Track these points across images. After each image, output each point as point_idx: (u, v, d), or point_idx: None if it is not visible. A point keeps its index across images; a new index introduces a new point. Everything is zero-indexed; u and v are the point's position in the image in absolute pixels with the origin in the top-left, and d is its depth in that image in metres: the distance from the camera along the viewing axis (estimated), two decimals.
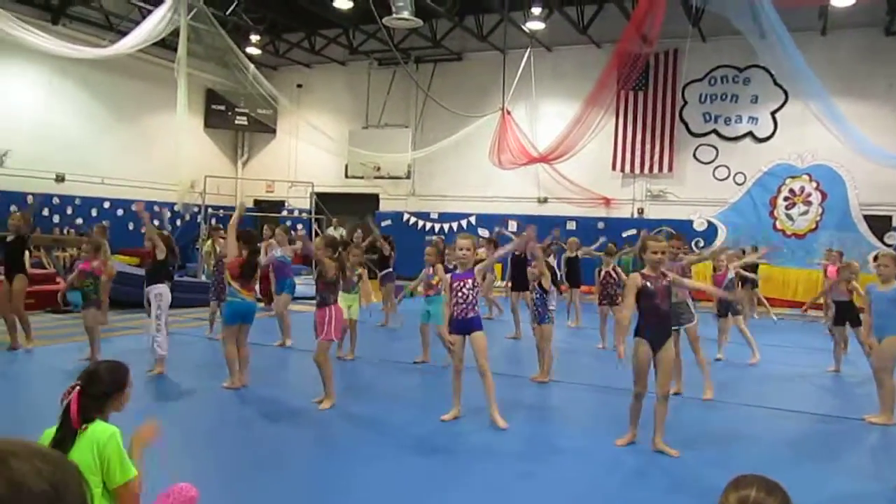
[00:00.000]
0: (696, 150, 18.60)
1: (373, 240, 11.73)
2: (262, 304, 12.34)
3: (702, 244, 17.59)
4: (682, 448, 5.23)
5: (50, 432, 2.83)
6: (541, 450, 5.37)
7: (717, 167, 18.42)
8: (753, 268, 13.23)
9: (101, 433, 2.77)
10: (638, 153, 18.86)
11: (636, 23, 13.84)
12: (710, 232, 17.83)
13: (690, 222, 18.10)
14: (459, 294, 5.81)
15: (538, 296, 7.65)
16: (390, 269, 11.82)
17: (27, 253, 8.78)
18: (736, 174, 18.16)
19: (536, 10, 17.37)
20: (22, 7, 16.56)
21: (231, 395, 6.66)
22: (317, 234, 19.43)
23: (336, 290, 6.49)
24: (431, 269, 8.12)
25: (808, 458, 5.37)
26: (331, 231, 19.68)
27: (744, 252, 12.16)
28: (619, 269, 10.13)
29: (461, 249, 5.90)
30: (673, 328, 5.89)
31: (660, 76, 18.63)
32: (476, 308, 5.85)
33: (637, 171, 18.93)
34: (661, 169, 18.73)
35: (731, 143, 18.30)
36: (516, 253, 10.93)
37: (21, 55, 15.50)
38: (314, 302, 6.64)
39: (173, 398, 6.58)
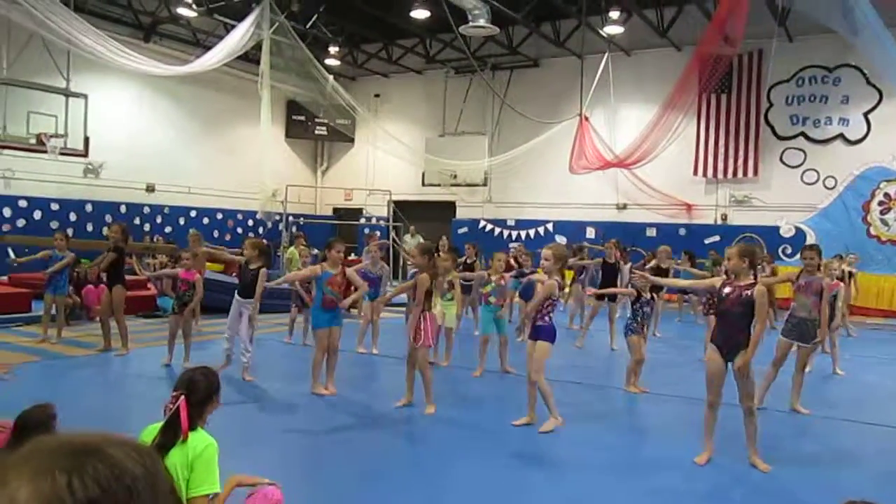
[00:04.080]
0: (782, 153, 17.95)
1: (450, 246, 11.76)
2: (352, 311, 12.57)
3: (789, 251, 16.96)
4: (772, 462, 5.03)
5: (150, 430, 2.93)
6: (625, 461, 5.25)
7: (805, 171, 17.72)
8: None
9: (198, 442, 2.85)
10: (721, 157, 18.33)
11: (718, 24, 13.47)
12: (798, 238, 17.12)
13: (777, 229, 17.46)
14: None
15: (651, 307, 7.56)
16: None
17: (124, 263, 9.20)
18: (826, 178, 17.42)
19: (614, 14, 17.12)
20: (117, 26, 17.37)
21: (317, 400, 6.77)
22: (395, 242, 19.64)
23: (431, 297, 6.55)
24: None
25: None
26: (408, 238, 19.85)
27: (841, 258, 11.61)
28: None
29: (545, 259, 5.86)
30: (793, 340, 6.50)
31: (743, 78, 18.07)
32: (546, 318, 5.81)
33: (720, 175, 18.39)
34: (745, 173, 18.14)
35: (820, 146, 17.58)
36: (608, 261, 10.77)
37: (115, 72, 16.22)
38: (403, 308, 6.74)
39: (260, 402, 6.72)
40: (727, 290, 5.06)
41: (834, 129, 17.39)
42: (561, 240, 18.93)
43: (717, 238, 18.02)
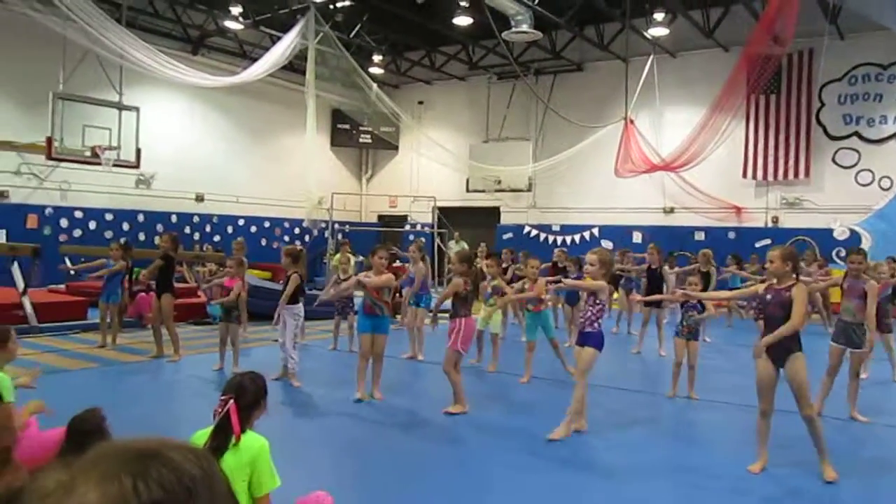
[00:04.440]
0: (835, 153, 17.51)
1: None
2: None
3: (843, 254, 16.51)
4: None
5: (200, 435, 2.99)
6: (676, 468, 5.16)
7: (859, 171, 17.26)
8: None
9: (252, 443, 2.91)
10: (771, 159, 17.95)
11: (767, 23, 13.22)
12: (853, 241, 16.67)
13: (830, 231, 17.02)
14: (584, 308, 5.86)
15: (699, 312, 7.45)
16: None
17: (174, 272, 9.41)
18: (881, 178, 16.94)
19: (659, 16, 16.94)
20: (166, 40, 17.81)
21: (363, 405, 6.81)
22: (439, 249, 19.68)
23: (468, 303, 6.57)
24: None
25: None
26: (453, 245, 19.90)
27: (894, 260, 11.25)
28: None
29: (588, 265, 5.82)
30: (841, 345, 6.30)
31: (793, 78, 17.69)
32: (594, 324, 5.76)
33: (770, 177, 18.01)
34: (796, 175, 17.74)
35: (875, 146, 17.11)
36: (652, 266, 10.65)
37: (165, 85, 16.63)
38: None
39: (307, 408, 6.79)
40: (770, 295, 4.97)
41: (890, 127, 16.91)
42: (607, 245, 18.76)
43: (767, 241, 17.60)
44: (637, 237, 19.26)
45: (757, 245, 17.23)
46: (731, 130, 16.53)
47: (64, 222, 16.83)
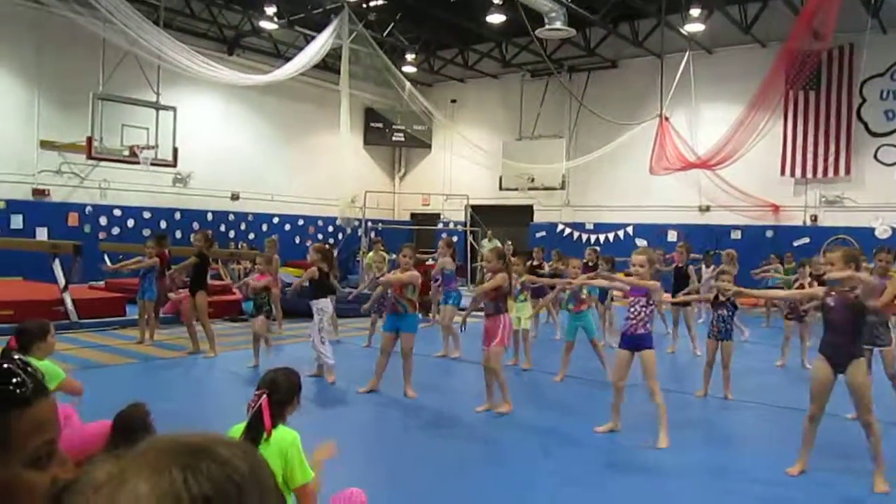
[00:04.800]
0: (877, 150, 17.12)
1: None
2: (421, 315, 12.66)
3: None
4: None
5: (236, 429, 3.03)
6: (713, 469, 5.09)
7: None
8: None
9: (284, 437, 2.95)
10: (810, 156, 17.61)
11: (807, 18, 12.98)
12: (895, 240, 16.31)
13: (871, 230, 16.64)
14: (632, 310, 5.72)
15: (729, 311, 7.33)
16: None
17: (208, 270, 9.54)
18: None
19: (695, 12, 16.70)
20: (202, 41, 18.07)
21: (396, 403, 6.83)
22: (472, 247, 19.68)
23: (506, 299, 6.56)
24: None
25: None
26: (485, 243, 19.86)
27: None
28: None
29: (635, 265, 5.71)
30: (865, 347, 5.55)
31: (833, 73, 17.33)
32: (647, 326, 5.68)
33: (809, 175, 17.67)
34: (836, 172, 17.38)
35: None
36: (678, 265, 10.54)
37: (201, 85, 16.87)
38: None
39: (342, 405, 6.83)
40: (833, 300, 4.78)
41: None
42: (641, 243, 18.57)
43: (806, 240, 17.35)
44: (672, 236, 19.04)
45: (795, 244, 16.94)
46: (770, 127, 16.26)
47: (103, 220, 17.15)
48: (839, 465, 5.12)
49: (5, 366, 1.04)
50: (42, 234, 15.73)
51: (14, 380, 1.02)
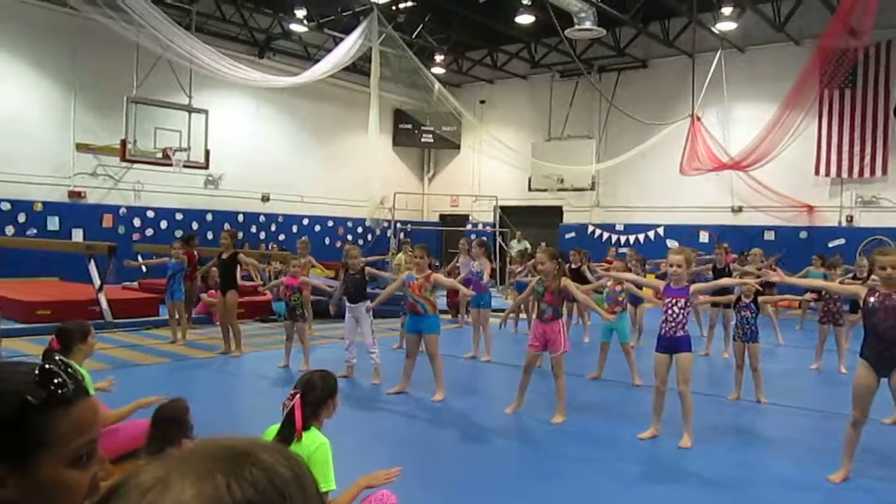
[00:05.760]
0: None
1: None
2: (449, 317, 12.66)
3: None
4: None
5: (271, 430, 3.05)
6: (755, 478, 5.01)
7: None
8: None
9: (312, 441, 2.94)
10: (846, 156, 17.29)
11: (843, 15, 12.73)
12: None
13: None
14: (670, 312, 5.59)
15: (752, 313, 7.22)
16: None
17: (238, 269, 9.64)
18: None
19: (727, 10, 16.51)
20: (233, 44, 18.28)
21: (427, 405, 6.82)
22: (501, 249, 19.64)
23: (563, 302, 6.43)
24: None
25: None
26: (514, 244, 19.81)
27: None
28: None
29: (672, 266, 5.61)
30: None
31: (870, 71, 17.00)
32: (685, 328, 5.58)
33: (845, 175, 17.35)
34: (872, 172, 17.05)
35: None
36: (718, 266, 10.41)
37: (232, 88, 17.05)
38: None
39: (373, 406, 6.85)
40: (874, 299, 4.61)
41: None
42: (672, 244, 18.39)
43: (841, 241, 17.05)
44: (704, 237, 18.83)
45: (830, 245, 16.65)
46: (804, 127, 15.99)
47: (137, 222, 17.40)
48: (882, 472, 5.01)
49: (47, 366, 1.05)
50: (78, 235, 16.01)
51: (56, 380, 1.04)
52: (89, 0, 11.57)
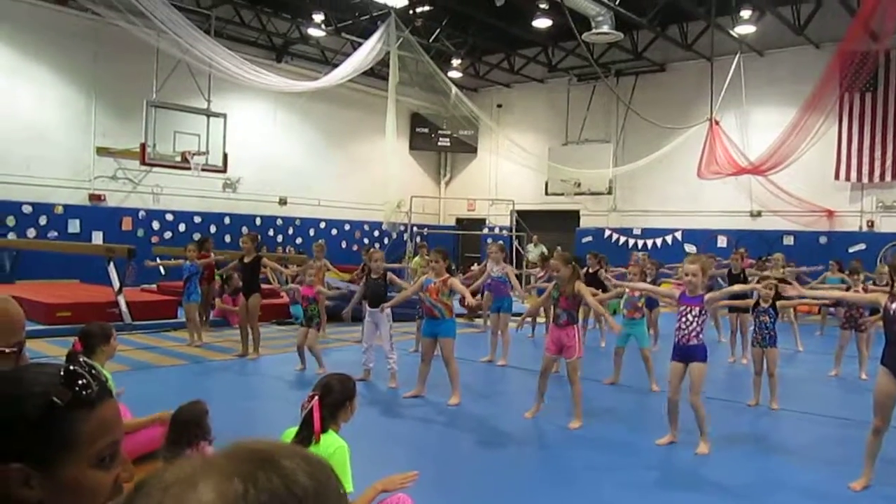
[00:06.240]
0: None
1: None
2: (465, 320, 12.64)
3: None
4: None
5: (289, 433, 3.06)
6: (764, 486, 4.97)
7: None
8: None
9: (330, 444, 2.95)
10: (866, 160, 17.11)
11: (864, 18, 12.62)
12: None
13: None
14: (683, 319, 5.52)
15: (771, 318, 7.15)
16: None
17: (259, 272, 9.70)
18: None
19: (746, 14, 16.42)
20: (252, 48, 18.43)
21: (445, 408, 6.82)
22: (517, 253, 19.61)
23: (579, 306, 6.43)
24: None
25: None
26: (531, 248, 19.77)
27: None
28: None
29: (687, 275, 5.54)
30: None
31: (891, 74, 16.81)
32: (700, 336, 5.50)
33: (865, 179, 17.17)
34: (894, 177, 16.84)
35: None
36: (733, 271, 10.34)
37: (251, 92, 17.17)
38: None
39: (389, 409, 6.85)
40: (895, 306, 4.57)
41: None
42: (690, 249, 18.30)
43: (862, 246, 16.87)
44: (722, 241, 18.71)
45: (850, 250, 16.47)
46: (824, 131, 15.85)
47: (156, 225, 17.55)
48: None
49: (72, 368, 1.06)
50: (98, 238, 16.16)
51: (81, 381, 1.05)
52: (112, 6, 11.67)
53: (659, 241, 20.00)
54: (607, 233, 21.09)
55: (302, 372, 8.29)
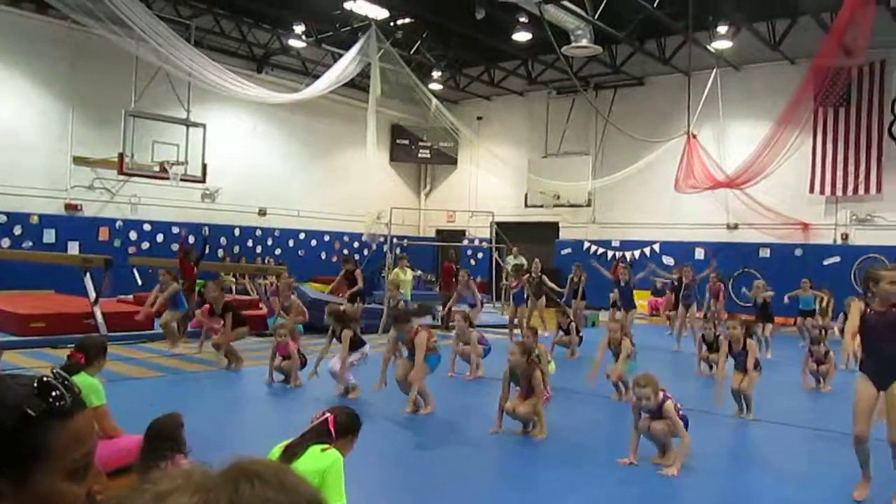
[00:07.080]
0: None
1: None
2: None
3: None
4: None
5: (277, 449, 3.10)
6: (748, 499, 5.00)
7: None
8: None
9: (329, 455, 3.01)
10: (840, 174, 17.38)
11: (837, 34, 12.82)
12: None
13: None
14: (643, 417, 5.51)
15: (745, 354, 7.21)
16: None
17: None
18: None
19: (722, 29, 16.64)
20: (232, 59, 18.37)
21: (418, 419, 6.80)
22: (497, 264, 19.64)
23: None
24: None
25: None
26: (510, 259, 19.78)
27: None
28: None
29: (641, 399, 5.35)
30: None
31: (864, 90, 17.11)
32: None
33: (839, 193, 17.43)
34: (867, 190, 17.12)
35: None
36: (685, 281, 10.48)
37: (230, 102, 17.10)
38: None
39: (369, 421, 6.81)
40: (871, 316, 4.60)
41: None
42: (668, 261, 18.45)
43: (836, 259, 17.12)
44: (699, 253, 18.89)
45: (825, 262, 16.71)
46: (799, 145, 16.08)
47: (133, 235, 17.39)
48: None
49: (45, 379, 1.06)
50: (74, 248, 15.98)
51: (54, 392, 1.04)
52: (92, 14, 11.59)
53: (637, 253, 20.14)
54: (586, 245, 21.20)
55: (281, 385, 8.23)
